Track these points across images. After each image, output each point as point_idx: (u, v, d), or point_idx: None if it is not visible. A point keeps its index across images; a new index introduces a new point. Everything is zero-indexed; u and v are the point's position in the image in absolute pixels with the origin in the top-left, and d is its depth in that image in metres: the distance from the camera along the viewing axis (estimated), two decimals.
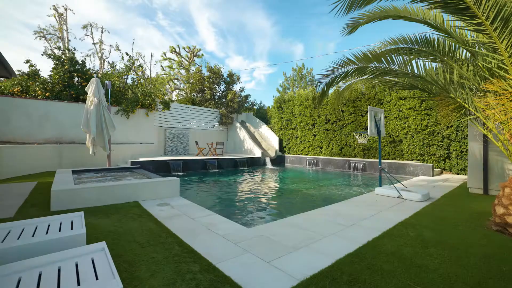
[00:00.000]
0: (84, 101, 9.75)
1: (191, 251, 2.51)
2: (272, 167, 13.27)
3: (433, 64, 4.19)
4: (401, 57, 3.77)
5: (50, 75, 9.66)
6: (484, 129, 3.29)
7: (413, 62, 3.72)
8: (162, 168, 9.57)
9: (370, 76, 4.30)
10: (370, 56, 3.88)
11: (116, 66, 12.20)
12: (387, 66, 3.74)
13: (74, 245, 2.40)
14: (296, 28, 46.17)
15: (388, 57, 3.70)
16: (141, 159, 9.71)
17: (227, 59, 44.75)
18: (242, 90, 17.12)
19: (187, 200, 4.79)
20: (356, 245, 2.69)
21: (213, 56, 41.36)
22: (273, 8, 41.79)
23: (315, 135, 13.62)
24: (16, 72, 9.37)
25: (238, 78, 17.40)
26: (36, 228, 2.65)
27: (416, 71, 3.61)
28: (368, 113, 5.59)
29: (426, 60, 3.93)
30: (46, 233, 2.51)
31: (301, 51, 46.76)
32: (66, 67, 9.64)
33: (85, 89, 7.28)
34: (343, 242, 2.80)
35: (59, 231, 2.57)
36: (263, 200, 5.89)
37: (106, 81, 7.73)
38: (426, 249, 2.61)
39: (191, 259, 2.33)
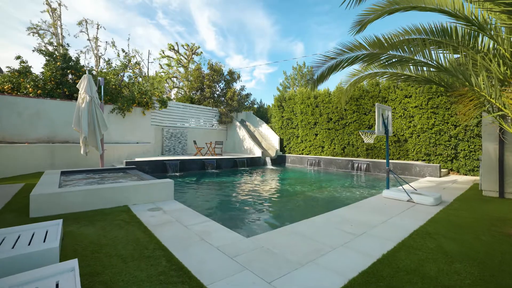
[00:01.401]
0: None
1: (180, 267, 2.17)
2: (273, 167, 12.93)
3: (452, 56, 3.83)
4: (419, 47, 3.41)
5: (42, 72, 9.30)
6: (510, 127, 2.94)
7: (433, 52, 3.36)
8: (158, 169, 9.23)
9: (382, 70, 3.94)
10: (385, 42, 3.52)
11: (112, 63, 11.84)
12: (403, 54, 3.38)
13: (44, 262, 2.07)
14: (296, 28, 45.59)
15: (405, 46, 3.34)
16: (136, 159, 9.36)
17: (227, 59, 44.37)
18: (242, 89, 16.73)
19: (182, 204, 4.45)
20: (370, 260, 2.35)
21: (213, 55, 41.01)
22: (273, 8, 41.28)
23: (316, 134, 13.26)
24: (7, 69, 9.01)
25: (239, 76, 16.99)
26: (3, 240, 2.31)
27: (434, 59, 3.25)
28: (376, 110, 5.24)
29: (445, 52, 3.57)
30: (13, 247, 2.17)
31: (301, 51, 46.20)
32: (58, 63, 9.27)
33: (77, 86, 6.94)
34: (354, 256, 2.45)
35: (29, 244, 2.24)
36: (263, 203, 5.54)
37: (99, 78, 7.39)
38: (451, 264, 2.27)
39: (179, 279, 1.99)
